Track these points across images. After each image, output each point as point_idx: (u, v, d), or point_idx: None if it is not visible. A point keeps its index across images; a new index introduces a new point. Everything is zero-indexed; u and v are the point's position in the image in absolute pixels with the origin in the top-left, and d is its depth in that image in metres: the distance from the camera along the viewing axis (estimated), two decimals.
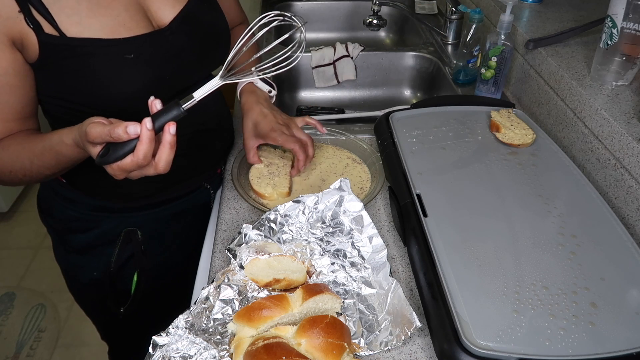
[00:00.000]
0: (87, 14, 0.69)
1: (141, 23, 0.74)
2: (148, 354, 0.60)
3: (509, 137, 0.89)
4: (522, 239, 0.70)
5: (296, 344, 0.59)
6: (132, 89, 0.73)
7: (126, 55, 0.72)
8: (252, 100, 0.90)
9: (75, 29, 0.68)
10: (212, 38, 0.85)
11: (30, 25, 0.66)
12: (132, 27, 0.73)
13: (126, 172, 0.61)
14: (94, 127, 0.59)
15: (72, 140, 0.65)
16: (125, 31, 0.72)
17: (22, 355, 1.74)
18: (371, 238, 0.72)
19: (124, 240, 0.89)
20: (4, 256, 2.12)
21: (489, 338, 0.57)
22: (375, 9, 1.37)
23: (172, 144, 0.60)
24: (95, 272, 0.92)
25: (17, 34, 0.66)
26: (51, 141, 0.68)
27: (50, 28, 0.67)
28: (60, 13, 0.67)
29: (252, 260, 0.70)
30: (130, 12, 0.73)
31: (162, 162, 0.61)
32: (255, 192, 0.86)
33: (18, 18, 0.65)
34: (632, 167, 0.76)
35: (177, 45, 0.77)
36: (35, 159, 0.70)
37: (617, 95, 0.87)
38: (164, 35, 0.76)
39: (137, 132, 0.58)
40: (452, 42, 1.40)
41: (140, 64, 0.73)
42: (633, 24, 0.83)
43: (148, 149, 0.59)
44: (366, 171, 0.92)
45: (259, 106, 0.89)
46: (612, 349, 0.56)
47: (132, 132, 0.57)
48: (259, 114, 0.88)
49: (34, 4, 0.66)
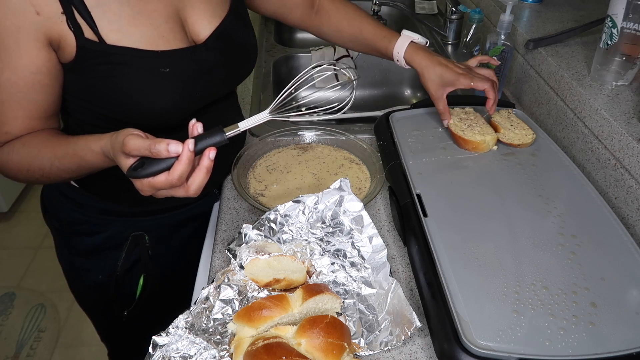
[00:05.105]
0: (128, 21, 0.68)
1: (178, 36, 0.73)
2: (148, 354, 0.60)
3: (509, 137, 0.89)
4: (522, 239, 0.70)
5: (296, 344, 0.59)
6: (162, 102, 0.72)
7: (162, 69, 0.71)
8: (426, 56, 0.89)
9: (115, 36, 0.67)
10: (242, 56, 0.85)
11: (72, 28, 0.65)
12: (170, 39, 0.72)
13: (156, 189, 0.59)
14: (133, 139, 0.57)
15: (101, 149, 0.64)
16: (163, 44, 0.71)
17: (22, 355, 1.74)
18: (371, 238, 0.72)
19: (131, 244, 0.89)
20: (4, 256, 2.12)
21: (489, 338, 0.57)
22: (375, 9, 1.37)
23: (209, 169, 0.60)
24: (100, 276, 0.92)
25: (56, 34, 0.65)
26: (76, 146, 0.67)
27: (90, 33, 0.66)
28: (102, 18, 0.66)
29: (252, 260, 0.70)
30: (170, 24, 0.72)
31: (195, 186, 0.60)
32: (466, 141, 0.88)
33: (60, 19, 0.64)
34: (632, 167, 0.76)
35: (210, 62, 0.77)
36: (56, 161, 0.69)
37: (617, 95, 0.87)
38: (200, 51, 0.75)
39: (179, 151, 0.57)
40: (452, 42, 1.40)
41: (173, 78, 0.72)
42: (633, 24, 0.83)
43: (185, 170, 0.58)
44: (364, 171, 0.92)
45: (436, 58, 0.89)
46: (612, 349, 0.56)
47: (173, 151, 0.56)
48: (439, 64, 0.87)
49: (77, 6, 0.64)
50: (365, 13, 0.97)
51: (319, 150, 0.97)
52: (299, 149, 0.97)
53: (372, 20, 0.95)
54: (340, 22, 0.96)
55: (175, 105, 0.74)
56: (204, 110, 0.81)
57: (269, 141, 0.97)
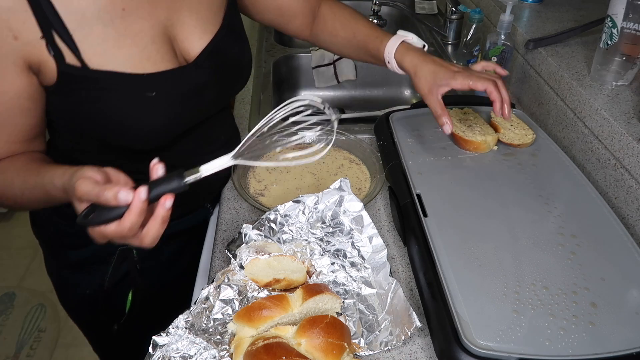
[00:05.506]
0: (112, 44, 0.65)
1: (166, 56, 0.70)
2: (148, 354, 0.60)
3: (509, 137, 0.89)
4: (522, 239, 0.70)
5: (296, 344, 0.59)
6: (149, 126, 0.70)
7: (148, 92, 0.68)
8: (418, 55, 0.80)
9: (98, 59, 0.64)
10: (235, 72, 0.81)
11: (52, 53, 0.62)
12: (157, 61, 0.68)
13: (107, 238, 0.55)
14: (83, 183, 0.53)
15: (62, 186, 0.60)
16: (150, 65, 0.68)
17: (22, 355, 1.74)
18: (371, 238, 0.72)
19: (118, 259, 0.86)
20: (4, 256, 2.12)
21: (489, 338, 0.57)
22: (375, 9, 1.37)
23: (165, 219, 0.54)
24: (88, 290, 0.90)
25: (36, 59, 0.62)
26: (43, 179, 0.63)
27: (72, 57, 0.63)
28: (85, 41, 0.63)
29: (252, 260, 0.70)
30: (157, 44, 0.69)
31: (149, 237, 0.55)
32: (467, 141, 0.86)
33: (39, 44, 0.61)
34: (632, 167, 0.76)
35: (200, 82, 0.74)
36: (26, 191, 0.66)
37: (617, 95, 0.87)
38: (189, 71, 0.72)
39: (128, 200, 0.52)
40: (452, 42, 1.40)
41: (160, 102, 0.69)
42: (633, 24, 0.83)
43: (136, 221, 0.53)
44: (364, 172, 0.92)
45: (430, 57, 0.80)
46: (612, 349, 0.56)
47: (123, 200, 0.52)
48: (432, 62, 0.78)
49: (58, 30, 0.61)
50: (361, 16, 0.90)
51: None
52: (299, 149, 0.97)
53: (366, 23, 0.88)
54: (334, 26, 0.90)
55: (164, 127, 0.71)
56: (196, 127, 0.78)
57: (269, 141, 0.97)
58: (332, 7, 0.91)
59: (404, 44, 0.82)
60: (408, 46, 0.82)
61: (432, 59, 0.79)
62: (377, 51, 0.84)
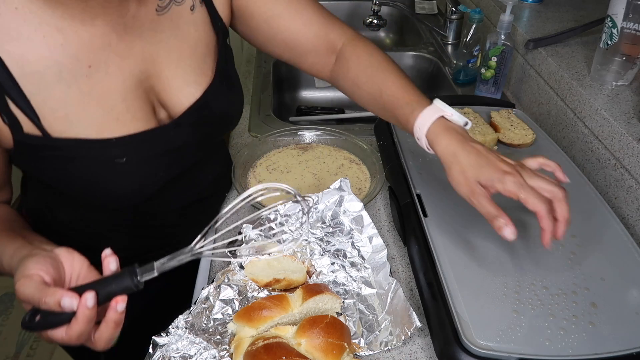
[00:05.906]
0: (76, 107, 0.58)
1: (138, 114, 0.62)
2: (148, 354, 0.60)
3: (509, 137, 0.89)
4: (522, 238, 0.70)
5: (296, 344, 0.59)
6: (121, 190, 0.64)
7: (117, 159, 0.61)
8: (457, 139, 0.63)
9: (60, 125, 0.57)
10: (220, 127, 0.74)
11: (6, 122, 0.55)
12: (126, 121, 0.61)
13: (56, 342, 0.49)
14: (24, 285, 0.47)
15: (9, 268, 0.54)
16: (118, 128, 0.60)
17: (22, 355, 1.74)
18: (371, 238, 0.72)
19: None
20: None
21: (489, 338, 0.57)
22: (375, 9, 1.37)
23: (117, 322, 0.49)
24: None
25: None
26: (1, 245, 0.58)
27: (31, 126, 0.56)
28: (44, 106, 0.56)
29: (252, 260, 0.70)
30: (128, 101, 0.61)
31: (103, 342, 0.49)
32: None
33: None
34: (632, 167, 0.76)
35: (178, 141, 0.66)
36: None
37: (617, 95, 0.87)
38: (165, 131, 0.65)
39: (73, 307, 0.46)
40: (452, 42, 1.40)
41: (132, 166, 0.63)
42: (633, 24, 0.83)
43: (84, 329, 0.47)
44: (364, 172, 0.92)
45: (470, 144, 0.62)
46: (612, 349, 0.56)
47: (67, 307, 0.46)
48: (477, 153, 0.61)
49: (13, 97, 0.54)
50: (392, 66, 0.72)
51: (319, 150, 0.97)
52: (299, 149, 0.97)
53: (397, 78, 0.70)
54: (358, 77, 0.73)
55: (139, 190, 0.66)
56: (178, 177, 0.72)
57: (269, 141, 0.98)
58: (356, 49, 0.74)
59: (441, 120, 0.65)
60: (446, 124, 0.64)
61: (473, 148, 0.62)
62: (407, 122, 0.68)
